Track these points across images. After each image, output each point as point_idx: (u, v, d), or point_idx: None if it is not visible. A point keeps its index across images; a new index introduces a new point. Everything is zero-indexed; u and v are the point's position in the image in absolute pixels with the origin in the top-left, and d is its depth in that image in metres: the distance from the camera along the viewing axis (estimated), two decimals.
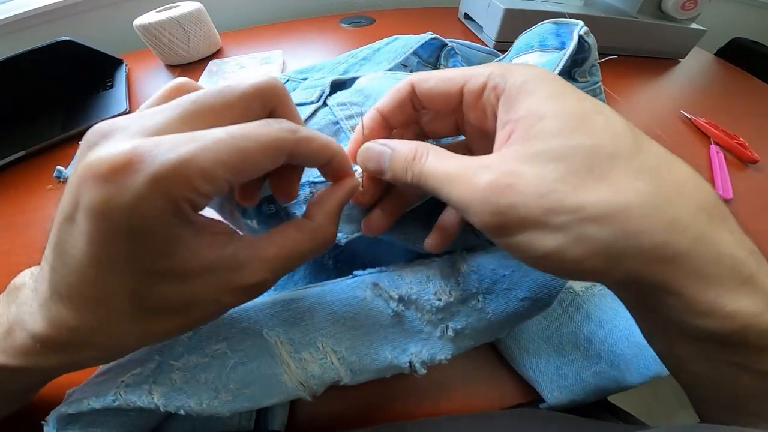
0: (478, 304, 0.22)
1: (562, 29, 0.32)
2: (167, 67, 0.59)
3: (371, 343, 0.21)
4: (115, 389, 0.18)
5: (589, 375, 0.25)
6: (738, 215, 0.28)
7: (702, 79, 0.62)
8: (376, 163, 0.17)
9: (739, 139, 0.44)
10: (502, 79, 0.15)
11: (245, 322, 0.20)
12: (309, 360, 0.20)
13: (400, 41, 0.37)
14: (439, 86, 0.17)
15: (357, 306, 0.21)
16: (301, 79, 0.35)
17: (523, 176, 0.13)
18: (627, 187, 0.12)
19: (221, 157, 0.12)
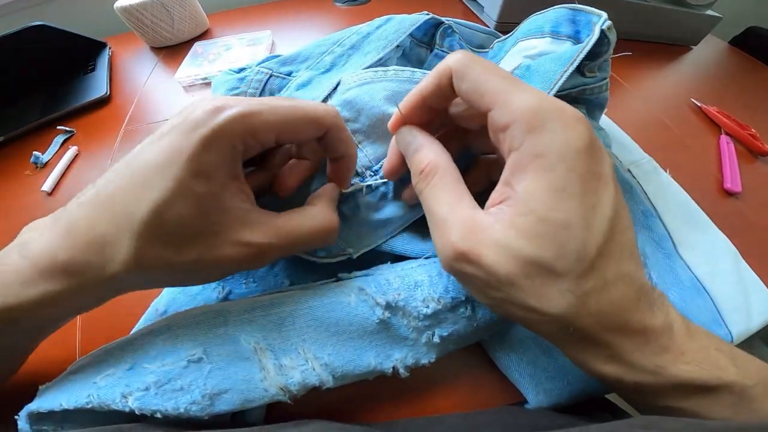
0: (467, 312, 0.22)
1: (579, 17, 0.29)
2: (152, 50, 0.57)
3: (355, 349, 0.20)
4: (88, 391, 0.18)
5: (576, 378, 0.24)
6: (747, 208, 0.27)
7: (714, 68, 0.59)
8: (404, 150, 0.20)
9: (750, 130, 0.42)
10: (521, 137, 0.15)
11: (222, 328, 0.19)
12: (289, 366, 0.19)
13: (392, 24, 0.34)
14: (470, 96, 0.17)
15: (341, 311, 0.21)
16: (286, 74, 0.31)
17: (484, 259, 0.15)
18: (550, 299, 0.14)
19: (279, 116, 0.17)
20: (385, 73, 0.26)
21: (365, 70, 0.27)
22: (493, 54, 0.36)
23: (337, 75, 0.30)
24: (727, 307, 0.28)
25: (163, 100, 0.48)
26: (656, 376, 0.15)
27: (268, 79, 0.31)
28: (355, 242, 0.25)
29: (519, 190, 0.15)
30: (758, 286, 0.30)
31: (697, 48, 0.61)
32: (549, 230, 0.14)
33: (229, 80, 0.31)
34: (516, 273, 0.14)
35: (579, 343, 0.16)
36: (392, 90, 0.26)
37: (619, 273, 0.15)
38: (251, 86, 0.30)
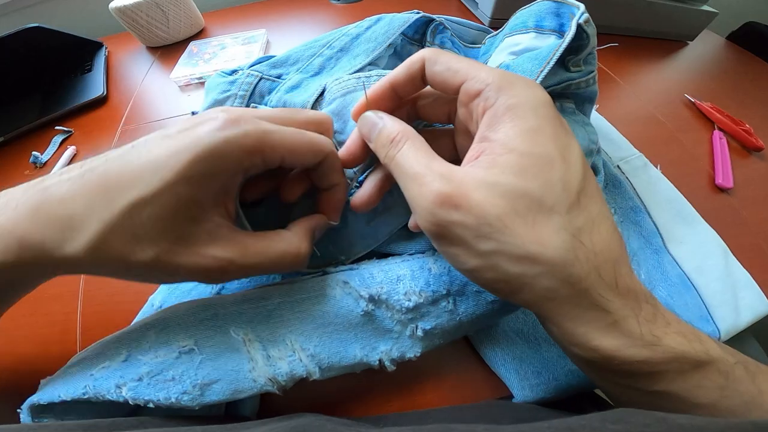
0: (448, 306, 0.22)
1: (562, 9, 0.29)
2: (148, 49, 0.57)
3: (340, 341, 0.21)
4: (85, 382, 0.18)
5: (562, 373, 0.25)
6: (738, 204, 0.29)
7: (710, 63, 0.59)
8: (367, 132, 0.19)
9: (744, 126, 0.41)
10: (495, 95, 0.16)
11: (213, 320, 0.20)
12: (277, 357, 0.20)
13: (382, 25, 0.33)
14: (444, 74, 0.18)
15: (326, 304, 0.21)
16: (276, 76, 0.32)
17: (471, 200, 0.14)
18: (546, 240, 0.14)
19: (285, 142, 0.18)
20: (368, 80, 0.26)
21: (349, 76, 0.27)
22: (485, 50, 0.36)
23: (326, 78, 0.30)
24: (714, 303, 0.28)
25: (159, 99, 0.48)
26: (653, 350, 0.15)
27: (258, 81, 0.31)
28: (347, 250, 0.25)
29: (497, 137, 0.16)
30: (747, 282, 0.30)
31: (693, 43, 0.61)
32: (531, 163, 0.15)
33: (221, 83, 0.31)
34: (506, 211, 0.14)
35: (576, 307, 0.15)
36: None
37: (602, 212, 0.16)
38: (241, 88, 0.31)
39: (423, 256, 0.24)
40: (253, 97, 0.31)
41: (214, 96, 0.31)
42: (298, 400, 0.23)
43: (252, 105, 0.31)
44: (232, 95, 0.31)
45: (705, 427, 0.11)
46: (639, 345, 0.15)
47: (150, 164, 0.15)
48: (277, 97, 0.30)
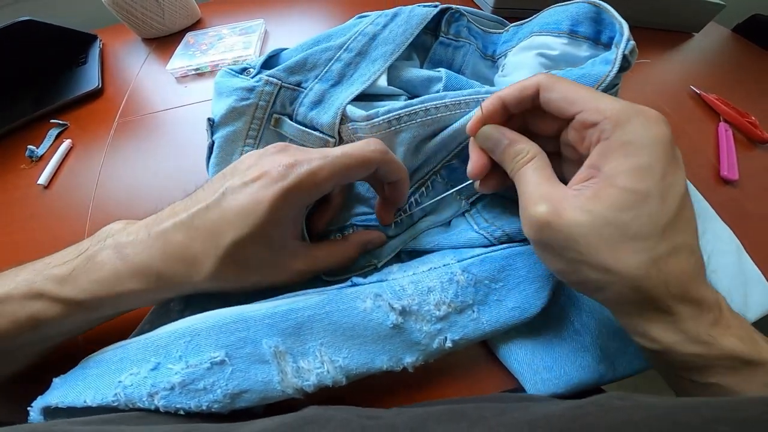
0: (473, 314, 0.23)
1: (603, 16, 0.28)
2: (143, 41, 0.56)
3: (368, 353, 0.21)
4: (114, 390, 0.19)
5: (573, 369, 0.25)
6: (743, 196, 0.32)
7: (716, 55, 0.58)
8: (491, 145, 0.22)
9: (750, 118, 0.41)
10: (611, 129, 0.17)
11: (244, 332, 0.20)
12: (306, 369, 0.20)
13: (400, 22, 0.32)
14: (560, 103, 0.19)
15: (357, 317, 0.22)
16: (295, 84, 0.30)
17: (564, 221, 0.17)
18: (623, 259, 0.16)
19: (337, 167, 0.21)
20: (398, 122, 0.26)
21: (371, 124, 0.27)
22: (507, 38, 0.35)
23: (347, 88, 0.29)
24: (726, 299, 0.28)
25: (155, 91, 0.48)
26: (708, 347, 0.17)
27: (278, 90, 0.30)
28: (380, 255, 0.28)
29: (605, 170, 0.17)
30: (758, 278, 0.30)
31: (699, 35, 0.60)
32: (629, 199, 0.17)
33: (237, 88, 0.30)
34: (592, 233, 0.17)
35: (643, 308, 0.18)
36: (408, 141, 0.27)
37: (684, 243, 0.17)
38: (262, 98, 0.30)
39: (449, 267, 0.24)
40: (275, 107, 0.30)
41: (231, 103, 0.30)
42: None
43: (275, 116, 0.30)
44: (252, 105, 0.30)
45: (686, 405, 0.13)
46: (694, 342, 0.17)
47: (241, 213, 0.20)
48: (302, 112, 0.30)
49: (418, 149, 0.27)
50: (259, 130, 0.30)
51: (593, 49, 0.31)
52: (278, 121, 0.30)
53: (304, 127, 0.30)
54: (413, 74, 0.31)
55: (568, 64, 0.30)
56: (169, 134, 0.42)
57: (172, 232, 0.20)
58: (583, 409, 0.13)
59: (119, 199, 0.37)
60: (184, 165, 0.38)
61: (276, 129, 0.30)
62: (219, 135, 0.30)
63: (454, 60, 0.36)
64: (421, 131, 0.26)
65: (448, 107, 0.26)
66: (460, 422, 0.14)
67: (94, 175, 0.39)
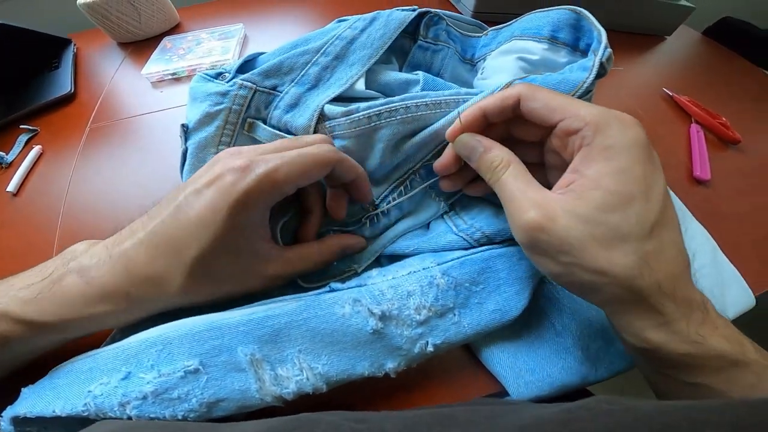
0: (455, 318, 0.23)
1: (583, 23, 0.29)
2: (119, 45, 0.55)
3: (349, 359, 0.21)
4: (84, 399, 0.18)
5: (556, 370, 0.25)
6: (716, 196, 0.32)
7: (687, 58, 0.60)
8: (468, 153, 0.22)
9: (721, 119, 0.42)
10: (592, 135, 0.18)
11: (218, 339, 0.20)
12: (285, 376, 0.20)
13: (378, 26, 0.31)
14: (541, 111, 0.20)
15: (336, 323, 0.21)
16: (271, 88, 0.29)
17: (556, 225, 0.17)
18: (616, 260, 0.17)
19: (294, 166, 0.20)
20: (378, 118, 0.26)
21: (360, 114, 0.26)
22: (486, 42, 0.35)
23: (324, 92, 0.29)
24: None
25: (130, 96, 0.46)
26: (697, 347, 0.17)
27: (253, 94, 0.29)
28: (360, 260, 0.27)
29: (589, 173, 0.18)
30: (734, 277, 0.30)
31: (671, 38, 0.62)
32: (616, 200, 0.17)
33: (211, 93, 0.29)
34: (585, 236, 0.17)
35: (635, 308, 0.18)
36: (387, 138, 0.26)
37: (671, 240, 0.18)
38: (236, 102, 0.28)
39: (428, 271, 0.24)
40: (249, 111, 0.29)
41: (205, 108, 0.29)
42: None
43: (248, 120, 0.29)
44: (225, 109, 0.29)
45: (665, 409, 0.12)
46: (684, 341, 0.18)
47: (198, 223, 0.19)
48: (276, 116, 0.29)
49: (398, 147, 0.27)
50: (233, 136, 0.29)
51: (571, 55, 0.31)
52: (252, 126, 0.29)
53: (279, 131, 0.29)
54: (391, 77, 0.31)
55: (547, 69, 0.31)
56: (144, 140, 0.41)
57: (133, 252, 0.20)
58: (572, 413, 0.13)
59: (91, 207, 0.35)
60: (158, 172, 0.37)
61: (250, 134, 0.30)
62: (192, 141, 0.29)
63: (432, 63, 0.36)
64: (401, 129, 0.26)
65: (428, 106, 0.26)
66: (451, 427, 0.14)
67: (65, 182, 0.37)
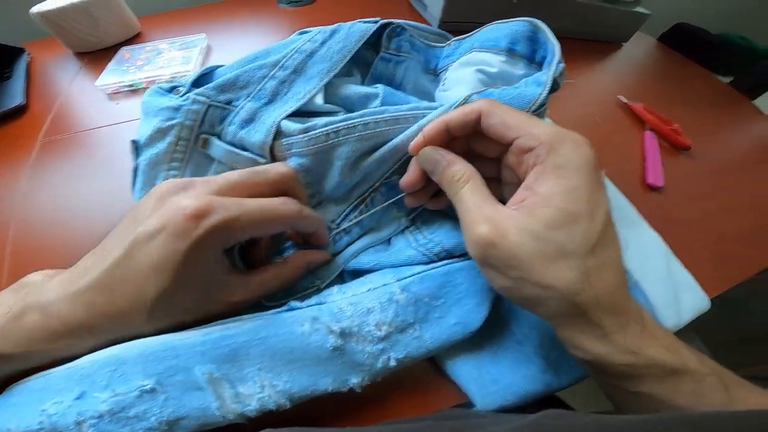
0: (416, 332, 0.23)
1: (539, 36, 0.29)
2: (76, 55, 0.53)
3: (311, 376, 0.21)
4: (39, 417, 0.18)
5: (518, 379, 0.25)
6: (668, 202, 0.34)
7: (643, 64, 0.62)
8: (431, 167, 0.23)
9: (673, 125, 0.44)
10: (545, 154, 0.19)
11: (173, 360, 0.20)
12: (246, 394, 0.20)
13: (338, 39, 0.31)
14: (499, 128, 0.21)
15: (295, 341, 0.21)
16: (225, 102, 0.29)
17: (507, 241, 0.18)
18: (561, 275, 0.18)
19: (253, 220, 0.20)
20: (336, 135, 0.26)
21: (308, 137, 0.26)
22: (449, 53, 0.36)
23: (281, 106, 0.28)
24: (658, 304, 0.29)
25: (84, 109, 0.44)
26: (636, 357, 0.19)
27: (206, 109, 0.28)
28: (323, 276, 0.27)
29: (540, 191, 0.19)
30: (689, 282, 0.31)
31: (627, 45, 0.64)
32: (563, 217, 0.18)
33: (163, 108, 0.28)
34: (534, 252, 0.18)
35: (577, 321, 0.19)
36: (346, 155, 0.26)
37: (611, 258, 0.19)
38: (188, 117, 0.28)
39: (388, 287, 0.24)
40: (203, 127, 0.28)
41: (156, 124, 0.28)
42: None
43: (202, 136, 0.28)
44: (177, 124, 0.28)
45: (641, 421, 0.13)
46: (623, 352, 0.19)
47: (152, 269, 0.19)
48: (231, 131, 0.28)
49: (357, 165, 0.27)
50: (186, 152, 0.28)
51: (528, 67, 0.32)
52: (206, 142, 0.28)
53: (234, 148, 0.28)
54: (351, 91, 0.31)
55: (505, 81, 0.31)
56: (98, 155, 0.39)
57: (90, 293, 0.20)
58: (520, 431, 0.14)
59: (43, 226, 0.34)
60: (114, 188, 0.35)
61: (204, 150, 0.29)
62: (143, 158, 0.28)
63: (395, 75, 0.36)
64: (360, 145, 0.26)
65: (387, 122, 0.26)
66: None
67: (14, 199, 0.35)
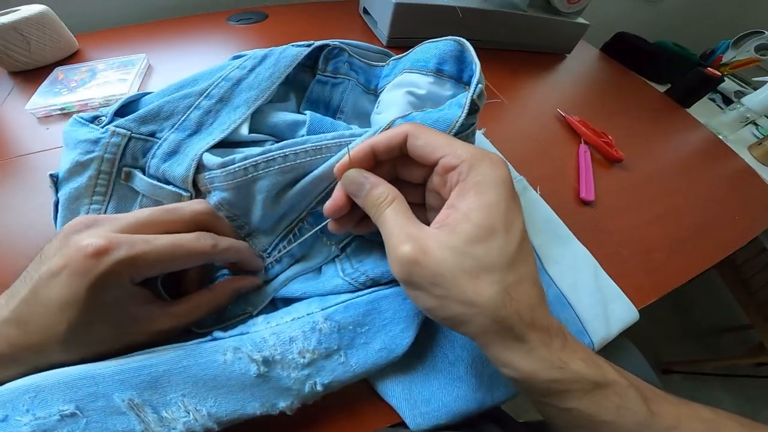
0: (341, 359, 0.24)
1: (465, 55, 0.30)
2: (8, 74, 0.50)
3: (237, 401, 0.21)
4: None
5: (451, 399, 0.26)
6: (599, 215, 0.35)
7: (584, 76, 0.65)
8: (355, 189, 0.22)
9: (606, 138, 0.46)
10: (467, 171, 0.20)
11: (92, 387, 0.19)
12: (170, 418, 0.20)
13: (267, 65, 0.31)
14: (424, 149, 0.21)
15: (217, 369, 0.21)
16: (148, 134, 0.28)
17: (429, 259, 0.19)
18: (482, 290, 0.18)
19: (162, 256, 0.20)
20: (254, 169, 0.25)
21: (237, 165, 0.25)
22: (387, 72, 0.36)
23: (205, 138, 0.28)
24: (587, 318, 0.30)
25: (13, 133, 0.42)
26: (562, 372, 0.19)
27: (127, 142, 0.27)
28: (255, 303, 0.27)
29: (461, 207, 0.20)
30: (616, 294, 0.32)
31: (570, 56, 0.66)
32: (481, 233, 0.19)
33: (82, 141, 0.27)
34: (456, 267, 0.18)
35: (502, 338, 0.19)
36: (267, 189, 0.26)
37: (528, 273, 0.20)
38: (108, 150, 0.27)
39: (312, 317, 0.24)
40: (125, 160, 0.27)
41: (75, 157, 0.27)
42: None
43: (125, 169, 0.27)
44: (96, 158, 0.27)
45: None
46: (550, 367, 0.19)
47: (59, 306, 0.19)
48: (154, 164, 0.27)
49: (279, 197, 0.26)
50: (108, 185, 0.27)
51: (455, 87, 0.33)
52: (129, 175, 0.28)
53: (157, 181, 0.27)
54: (279, 118, 0.31)
55: (433, 103, 0.32)
56: (26, 183, 0.37)
57: (4, 329, 0.19)
58: None
59: None
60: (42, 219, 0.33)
61: (127, 183, 0.28)
62: (63, 192, 0.27)
63: (332, 97, 0.36)
64: (281, 178, 0.25)
65: (308, 152, 0.26)
66: None
67: None
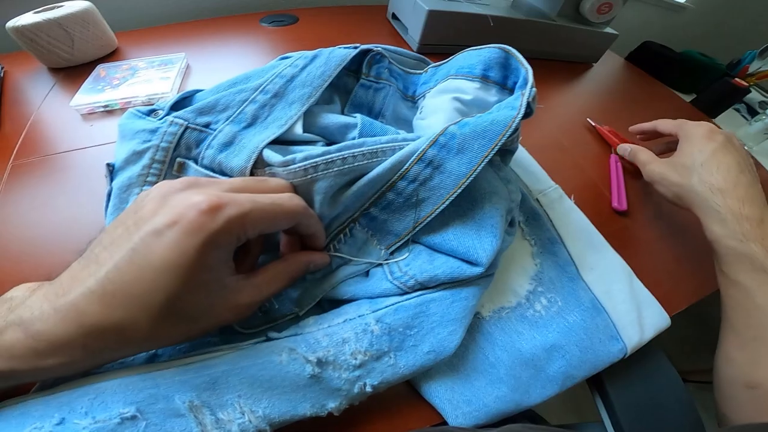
0: (390, 360, 0.24)
1: (511, 61, 0.31)
2: (49, 70, 0.51)
3: (290, 402, 0.22)
4: None
5: (491, 400, 0.27)
6: (633, 224, 0.41)
7: (611, 85, 0.65)
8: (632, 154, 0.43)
9: None
10: (683, 132, 0.38)
11: (153, 389, 0.20)
12: (227, 420, 0.20)
13: (318, 64, 0.32)
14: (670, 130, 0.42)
15: (273, 369, 0.22)
16: (203, 125, 0.29)
17: (667, 173, 0.37)
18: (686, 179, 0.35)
19: (266, 214, 0.21)
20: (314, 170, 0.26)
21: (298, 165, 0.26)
22: (426, 79, 0.37)
23: (262, 131, 0.28)
24: (622, 324, 0.31)
25: (57, 129, 0.43)
26: (740, 245, 0.29)
27: (183, 132, 0.28)
28: (302, 304, 0.27)
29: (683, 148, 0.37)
30: (650, 301, 0.33)
31: (597, 65, 0.67)
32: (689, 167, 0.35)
33: (139, 131, 0.28)
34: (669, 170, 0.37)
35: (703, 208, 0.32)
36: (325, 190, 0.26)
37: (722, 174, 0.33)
38: (164, 139, 0.28)
39: (363, 318, 0.25)
40: (179, 150, 0.28)
41: (132, 147, 0.28)
42: None
43: (178, 160, 0.28)
44: (153, 146, 0.28)
45: None
46: (731, 238, 0.29)
47: (163, 268, 0.18)
48: (209, 155, 0.28)
49: (336, 199, 0.27)
50: (160, 176, 0.28)
51: (500, 93, 0.34)
52: (182, 167, 0.28)
53: (212, 172, 0.28)
54: (330, 120, 0.31)
55: (480, 108, 0.33)
56: (71, 180, 0.38)
57: (84, 304, 0.18)
58: None
59: (11, 255, 0.33)
60: (86, 216, 0.34)
61: (179, 174, 0.29)
62: (117, 181, 0.28)
63: (374, 102, 0.37)
64: (339, 180, 0.26)
65: (365, 155, 0.26)
66: None
67: None
